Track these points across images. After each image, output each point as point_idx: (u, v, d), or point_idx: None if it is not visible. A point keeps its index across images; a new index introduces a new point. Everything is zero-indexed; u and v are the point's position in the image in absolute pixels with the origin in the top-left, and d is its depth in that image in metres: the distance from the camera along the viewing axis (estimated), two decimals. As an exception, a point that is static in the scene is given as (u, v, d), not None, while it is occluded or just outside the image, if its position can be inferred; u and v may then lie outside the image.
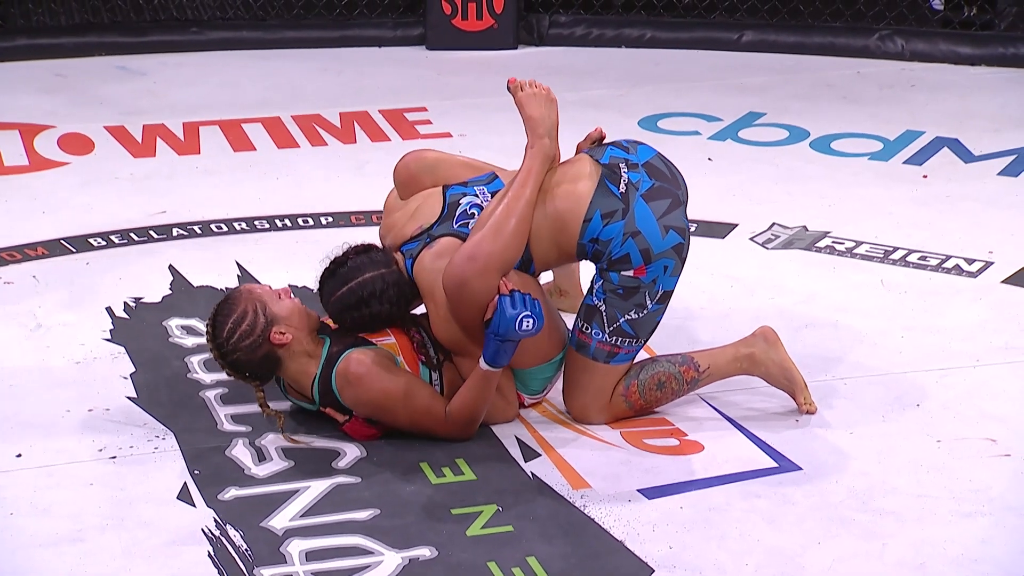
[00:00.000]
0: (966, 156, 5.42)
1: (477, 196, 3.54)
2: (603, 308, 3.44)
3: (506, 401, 3.50)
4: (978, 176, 5.22)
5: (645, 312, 3.44)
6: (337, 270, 3.47)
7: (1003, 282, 4.31)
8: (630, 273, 3.42)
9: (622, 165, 3.47)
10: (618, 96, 6.18)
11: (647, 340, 3.50)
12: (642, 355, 3.59)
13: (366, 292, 3.43)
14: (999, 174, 5.24)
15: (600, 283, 3.45)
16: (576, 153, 3.63)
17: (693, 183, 5.10)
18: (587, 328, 3.46)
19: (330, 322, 3.53)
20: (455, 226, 3.47)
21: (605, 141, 3.60)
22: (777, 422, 3.54)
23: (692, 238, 4.53)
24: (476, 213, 3.48)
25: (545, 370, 3.51)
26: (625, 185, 3.44)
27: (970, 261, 4.44)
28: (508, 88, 3.52)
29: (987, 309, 4.14)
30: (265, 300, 3.42)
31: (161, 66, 6.70)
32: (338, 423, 3.44)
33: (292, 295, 3.48)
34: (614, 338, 3.45)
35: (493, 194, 3.52)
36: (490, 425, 3.50)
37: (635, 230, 3.41)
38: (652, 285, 3.43)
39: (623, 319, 3.44)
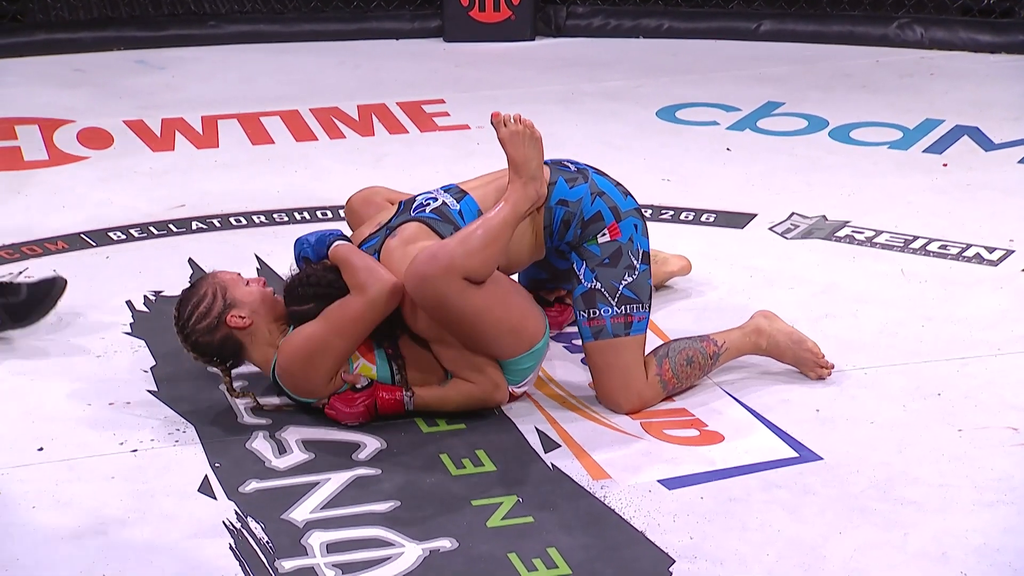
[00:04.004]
0: (986, 144, 5.40)
1: (432, 193, 3.57)
2: (598, 285, 3.50)
3: (494, 384, 3.48)
4: (998, 164, 5.20)
5: (636, 273, 3.51)
6: (295, 289, 3.47)
7: (1024, 270, 4.30)
8: (607, 237, 3.50)
9: (565, 161, 3.64)
10: (636, 87, 6.16)
11: (650, 306, 3.54)
12: (659, 342, 3.64)
13: (311, 294, 3.44)
14: (1019, 162, 5.22)
15: (583, 265, 3.52)
16: None
17: (712, 173, 5.14)
18: (594, 312, 3.50)
19: None
20: (412, 213, 3.51)
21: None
22: (798, 412, 3.53)
23: (711, 229, 4.58)
24: (431, 203, 3.52)
25: (524, 360, 3.48)
26: (576, 168, 3.60)
27: (991, 250, 4.42)
28: (491, 122, 3.49)
29: (1008, 298, 4.12)
30: (227, 285, 3.47)
31: (179, 60, 6.70)
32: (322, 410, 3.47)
33: (266, 284, 3.51)
34: (623, 307, 3.49)
35: (447, 191, 3.56)
36: (484, 410, 3.50)
37: (599, 190, 3.55)
38: (631, 244, 3.52)
39: (621, 285, 3.50)
